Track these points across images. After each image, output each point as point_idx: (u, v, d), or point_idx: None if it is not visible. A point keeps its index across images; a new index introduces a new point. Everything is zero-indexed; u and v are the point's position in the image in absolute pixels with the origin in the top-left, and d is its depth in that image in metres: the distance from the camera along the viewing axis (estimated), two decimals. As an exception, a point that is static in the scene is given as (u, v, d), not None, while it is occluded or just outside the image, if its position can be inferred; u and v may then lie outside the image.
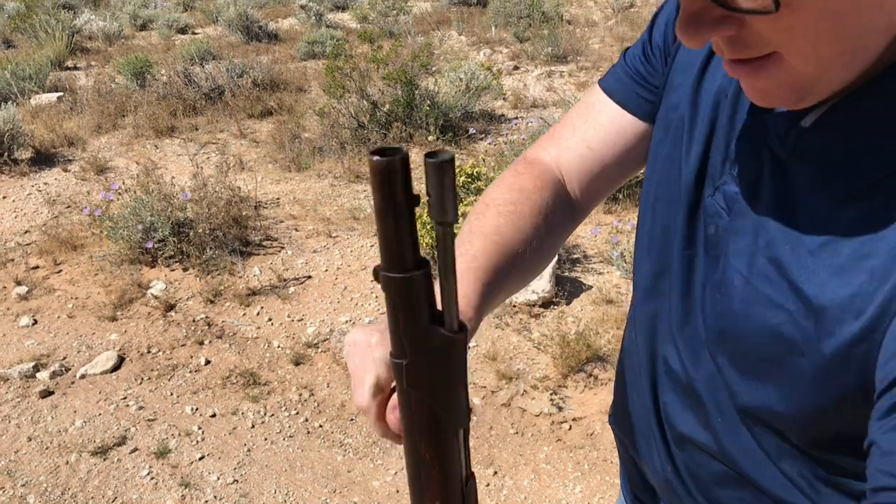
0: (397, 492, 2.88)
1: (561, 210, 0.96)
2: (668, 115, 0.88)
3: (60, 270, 4.57)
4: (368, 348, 0.72)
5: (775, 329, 0.69)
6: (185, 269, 4.46)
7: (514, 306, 3.89)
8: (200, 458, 3.06)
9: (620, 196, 4.95)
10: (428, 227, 4.07)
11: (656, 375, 0.91)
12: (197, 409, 3.34)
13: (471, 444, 3.07)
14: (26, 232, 5.10)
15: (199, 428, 3.23)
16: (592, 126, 0.96)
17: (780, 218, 0.70)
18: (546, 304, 3.89)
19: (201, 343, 3.82)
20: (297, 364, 3.64)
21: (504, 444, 3.11)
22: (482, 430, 3.18)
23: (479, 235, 0.86)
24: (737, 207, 0.75)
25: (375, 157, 0.49)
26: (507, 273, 0.85)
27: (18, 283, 4.40)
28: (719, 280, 0.76)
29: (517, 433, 3.15)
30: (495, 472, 2.96)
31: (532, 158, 1.00)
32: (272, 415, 3.31)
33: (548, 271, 3.94)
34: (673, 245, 0.84)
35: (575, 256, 4.37)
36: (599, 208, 4.96)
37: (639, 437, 0.97)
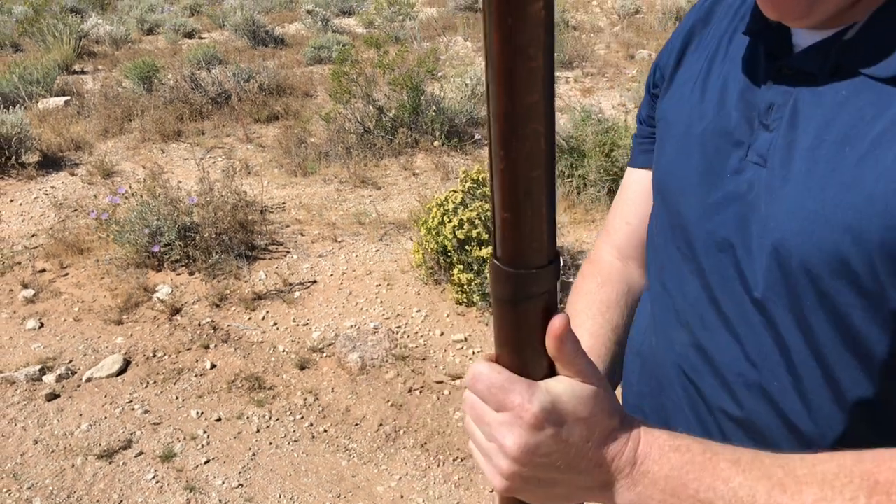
0: (401, 497, 2.88)
1: (624, 294, 1.08)
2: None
3: (67, 274, 4.59)
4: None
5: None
6: (191, 273, 4.48)
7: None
8: (205, 462, 3.07)
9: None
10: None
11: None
12: (202, 413, 3.35)
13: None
14: (33, 235, 5.12)
15: (205, 432, 3.24)
16: (626, 202, 1.09)
17: (837, 133, 0.73)
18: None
19: (207, 347, 3.83)
20: (302, 368, 3.65)
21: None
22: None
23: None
24: (777, 153, 0.78)
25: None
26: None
27: (25, 287, 4.41)
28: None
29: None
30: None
31: (594, 258, 1.14)
32: (277, 419, 3.32)
33: (553, 277, 3.94)
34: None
35: (579, 263, 4.37)
36: (604, 215, 4.97)
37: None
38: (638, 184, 1.08)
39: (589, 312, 1.05)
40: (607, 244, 1.14)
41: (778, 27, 0.83)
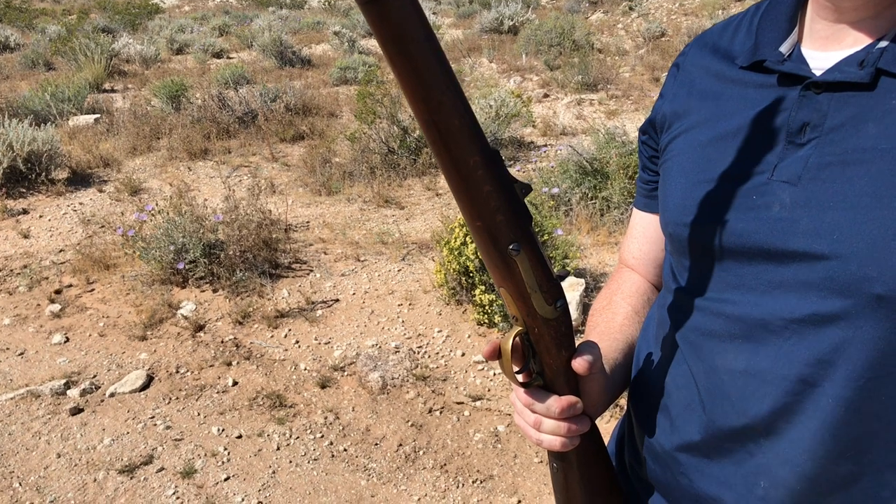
0: (420, 518, 2.87)
1: (642, 293, 1.17)
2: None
3: (93, 289, 4.64)
4: None
5: None
6: (214, 291, 4.51)
7: (541, 334, 3.88)
8: (226, 479, 3.08)
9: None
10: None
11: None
12: (223, 430, 3.37)
13: (494, 472, 3.06)
14: (61, 251, 5.19)
15: (225, 449, 3.25)
16: (631, 241, 1.18)
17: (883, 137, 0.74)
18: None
19: (229, 364, 3.85)
20: (323, 387, 3.66)
21: (528, 472, 3.09)
22: (506, 459, 3.17)
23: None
24: (812, 167, 0.79)
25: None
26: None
27: (52, 301, 4.47)
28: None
29: (541, 462, 3.14)
30: (519, 501, 2.94)
31: (621, 264, 1.24)
32: (297, 437, 3.32)
33: (575, 299, 3.93)
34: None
35: (601, 284, 4.35)
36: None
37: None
38: (638, 224, 1.17)
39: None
40: (626, 264, 1.22)
41: (794, 55, 0.84)
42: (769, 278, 0.81)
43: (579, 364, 0.88)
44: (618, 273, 1.21)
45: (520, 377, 0.91)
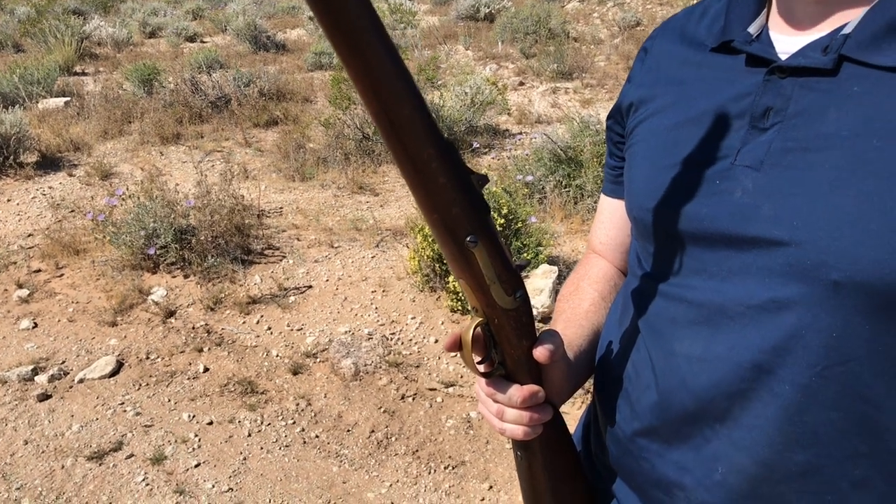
0: (392, 504, 2.88)
1: (609, 279, 1.18)
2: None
3: (62, 274, 4.58)
4: None
5: None
6: (186, 276, 4.48)
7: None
8: (196, 466, 3.06)
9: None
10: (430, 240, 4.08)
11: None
12: (194, 417, 3.35)
13: (466, 458, 3.07)
14: (29, 235, 5.12)
15: (196, 435, 3.23)
16: (598, 226, 1.19)
17: (861, 127, 0.74)
18: (545, 318, 3.89)
19: (200, 350, 3.82)
20: (295, 373, 3.64)
21: (500, 458, 3.11)
22: (478, 445, 3.18)
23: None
24: (775, 152, 0.78)
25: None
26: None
27: (20, 286, 4.41)
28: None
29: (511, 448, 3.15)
30: (490, 487, 2.95)
31: (589, 250, 1.24)
32: (269, 424, 3.31)
33: (548, 286, 3.94)
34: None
35: (575, 272, 4.37)
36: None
37: None
38: (606, 210, 1.17)
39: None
40: (594, 250, 1.22)
41: (762, 37, 0.84)
42: (730, 264, 0.81)
43: (540, 353, 0.88)
44: (586, 259, 1.21)
45: (481, 367, 0.91)
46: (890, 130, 0.70)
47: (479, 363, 0.91)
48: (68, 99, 8.29)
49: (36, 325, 4.06)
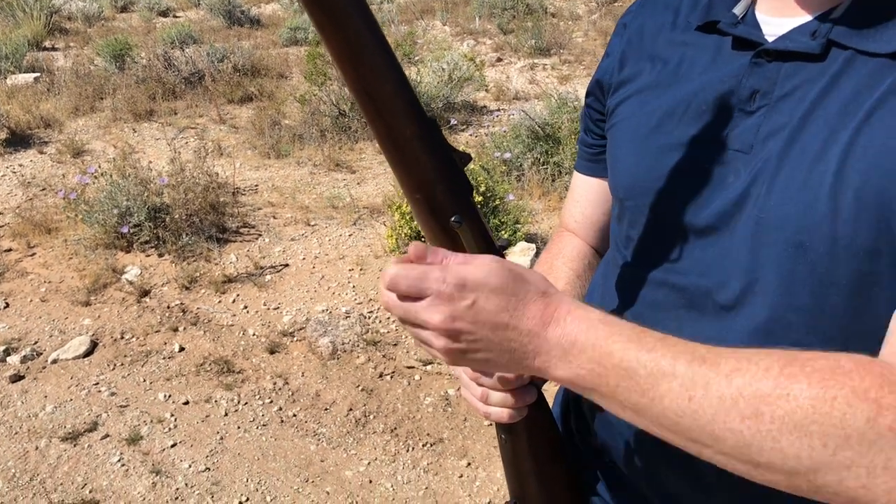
0: (370, 482, 2.87)
1: (584, 257, 1.16)
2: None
3: (34, 254, 4.51)
4: None
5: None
6: (160, 255, 4.42)
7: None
8: (172, 446, 3.04)
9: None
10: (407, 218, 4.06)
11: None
12: (170, 396, 3.32)
13: (444, 436, 3.07)
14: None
15: (172, 415, 3.21)
16: (572, 204, 1.17)
17: (835, 107, 0.73)
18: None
19: (175, 330, 3.79)
20: (272, 352, 3.62)
21: (478, 435, 3.11)
22: (456, 422, 3.18)
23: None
24: (762, 135, 0.78)
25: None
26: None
27: (-10, 266, 4.34)
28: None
29: (491, 425, 3.16)
30: (469, 464, 2.96)
31: (561, 228, 1.23)
32: (246, 403, 3.29)
33: (526, 264, 3.94)
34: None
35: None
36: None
37: None
38: (580, 188, 1.15)
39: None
40: (567, 228, 1.21)
41: (748, 18, 0.83)
42: (719, 248, 0.80)
43: None
44: (558, 237, 1.20)
45: None
46: (869, 113, 0.70)
47: None
48: (38, 75, 8.14)
49: (7, 306, 4.00)
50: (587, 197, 1.14)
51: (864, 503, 0.59)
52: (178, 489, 2.82)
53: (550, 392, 1.04)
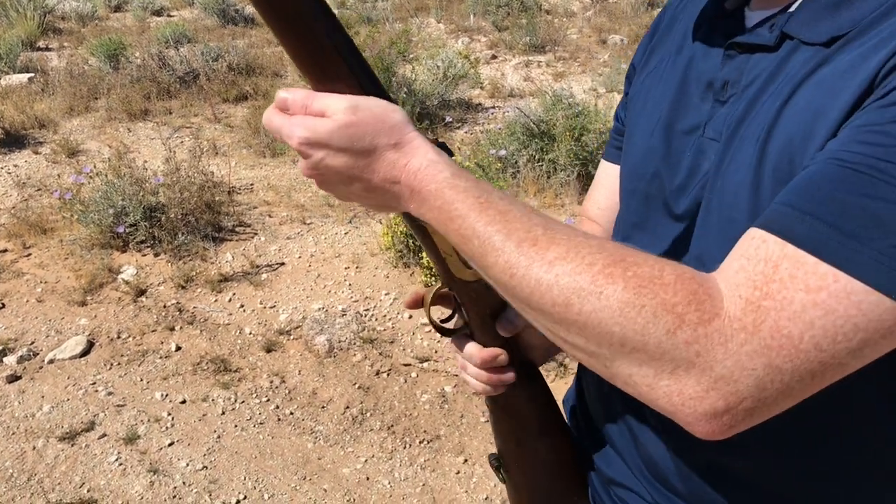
0: (367, 479, 2.88)
1: None
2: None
3: (30, 254, 4.51)
4: None
5: None
6: (156, 255, 4.43)
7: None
8: (170, 445, 3.04)
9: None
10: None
11: None
12: (167, 395, 3.32)
13: (441, 432, 3.08)
14: (-5, 214, 5.03)
15: (169, 414, 3.21)
16: (597, 191, 1.17)
17: (771, 93, 0.76)
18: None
19: (172, 329, 3.79)
20: (268, 351, 3.63)
21: (475, 432, 3.12)
22: (453, 419, 3.19)
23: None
24: (731, 124, 0.80)
25: None
26: None
27: (-14, 267, 4.34)
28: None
29: (488, 421, 3.16)
30: (465, 460, 2.97)
31: (582, 217, 1.24)
32: (243, 401, 3.30)
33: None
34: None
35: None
36: (574, 199, 4.99)
37: None
38: (606, 175, 1.16)
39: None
40: (589, 216, 1.23)
41: (735, 9, 0.86)
42: (692, 233, 0.84)
43: (501, 326, 0.94)
44: (579, 226, 1.21)
45: (449, 325, 0.99)
46: (790, 94, 0.73)
47: (441, 321, 0.98)
48: (32, 75, 8.12)
49: (3, 306, 4.00)
50: (613, 185, 1.14)
51: (646, 399, 0.66)
52: (175, 488, 2.83)
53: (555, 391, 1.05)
